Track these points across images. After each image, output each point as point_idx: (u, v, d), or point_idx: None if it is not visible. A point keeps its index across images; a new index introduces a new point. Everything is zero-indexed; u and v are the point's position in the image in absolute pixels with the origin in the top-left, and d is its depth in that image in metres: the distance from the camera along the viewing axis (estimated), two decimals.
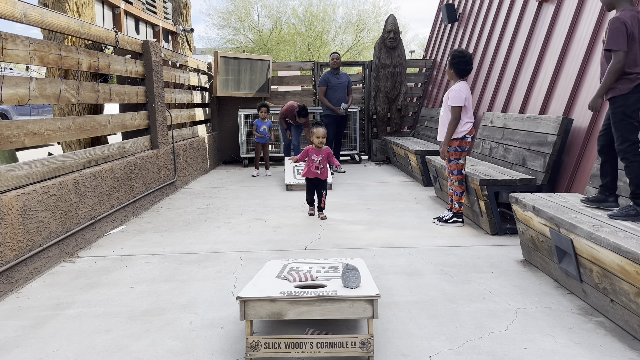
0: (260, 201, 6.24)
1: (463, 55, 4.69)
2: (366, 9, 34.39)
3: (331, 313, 2.43)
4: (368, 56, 31.13)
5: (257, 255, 4.05)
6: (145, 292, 3.31)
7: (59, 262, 3.95)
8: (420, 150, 7.20)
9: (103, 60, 5.03)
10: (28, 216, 3.56)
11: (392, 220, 5.11)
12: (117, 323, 2.86)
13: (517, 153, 5.25)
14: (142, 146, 6.01)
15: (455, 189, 4.86)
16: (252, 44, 31.53)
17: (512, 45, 7.03)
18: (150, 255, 4.14)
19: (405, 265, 3.74)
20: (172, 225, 5.12)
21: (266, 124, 8.21)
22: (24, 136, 3.75)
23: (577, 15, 5.49)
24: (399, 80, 9.90)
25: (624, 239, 2.56)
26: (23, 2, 3.78)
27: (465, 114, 4.68)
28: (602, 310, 2.80)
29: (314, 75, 10.34)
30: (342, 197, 6.38)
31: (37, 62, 3.94)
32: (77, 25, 4.61)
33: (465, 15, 9.53)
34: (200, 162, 8.41)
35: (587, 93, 4.90)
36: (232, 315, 2.93)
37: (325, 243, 4.37)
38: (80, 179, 4.33)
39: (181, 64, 8.00)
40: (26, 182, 3.69)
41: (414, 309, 2.96)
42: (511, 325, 2.73)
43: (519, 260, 3.83)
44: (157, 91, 6.29)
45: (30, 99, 3.84)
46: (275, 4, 33.30)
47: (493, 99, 7.15)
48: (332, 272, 2.85)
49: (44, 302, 3.19)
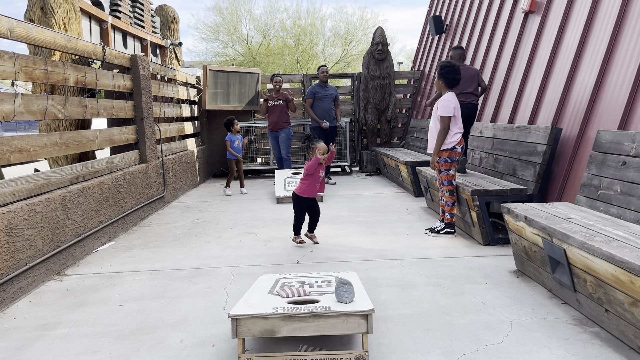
0: (251, 215, 6.19)
1: (452, 66, 4.72)
2: (354, 22, 34.56)
3: (325, 329, 2.39)
4: (357, 68, 31.32)
5: (248, 270, 4.00)
6: (134, 310, 3.25)
7: (45, 280, 3.87)
8: (411, 161, 7.21)
9: (90, 75, 4.98)
10: (13, 234, 3.48)
11: (384, 232, 5.08)
12: (106, 343, 2.79)
13: (507, 163, 5.26)
14: (130, 161, 5.95)
15: (447, 199, 4.85)
16: (241, 57, 31.59)
17: (499, 56, 7.09)
18: (139, 271, 4.07)
19: (399, 278, 3.71)
20: (161, 240, 5.05)
21: (239, 138, 7.85)
22: (10, 153, 3.69)
23: (563, 25, 5.55)
24: (388, 92, 9.94)
25: (617, 248, 2.55)
26: (8, 18, 3.74)
27: (454, 124, 4.69)
28: (597, 320, 2.79)
29: (303, 87, 10.36)
30: (333, 209, 6.35)
31: (22, 77, 3.89)
32: (64, 40, 4.57)
33: (452, 26, 9.62)
34: (190, 176, 8.35)
35: (575, 102, 4.94)
36: (224, 332, 2.87)
37: (317, 256, 4.33)
38: (67, 195, 4.26)
39: (170, 78, 7.97)
40: (12, 199, 3.62)
41: (409, 323, 2.92)
42: (507, 337, 2.70)
43: (512, 270, 3.81)
44: (145, 105, 6.25)
45: (16, 114, 3.78)
46: (264, 17, 33.40)
47: (482, 109, 7.19)
48: (325, 286, 2.81)
49: (30, 322, 3.11)
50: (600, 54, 4.72)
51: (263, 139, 10.12)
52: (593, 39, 4.94)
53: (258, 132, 10.21)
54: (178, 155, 7.67)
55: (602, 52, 4.68)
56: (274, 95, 8.28)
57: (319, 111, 8.39)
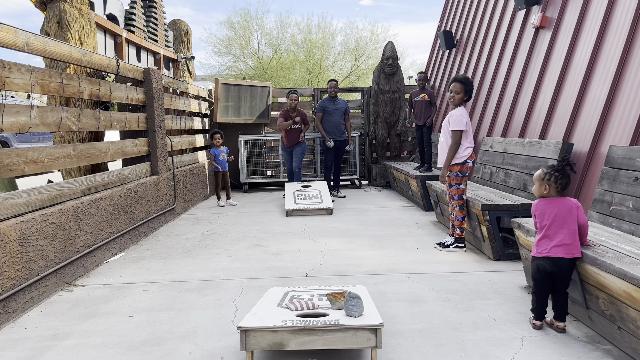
0: (261, 227, 6.20)
1: (471, 81, 4.77)
2: (364, 36, 34.84)
3: (334, 343, 2.38)
4: (367, 82, 31.44)
5: (257, 283, 4.00)
6: (144, 322, 3.26)
7: (56, 291, 3.90)
8: (421, 175, 7.19)
9: (104, 88, 5.06)
10: (26, 244, 3.52)
11: (394, 246, 5.07)
12: (115, 354, 2.80)
13: (517, 177, 5.24)
14: (142, 173, 6.00)
15: (457, 214, 4.84)
16: (252, 71, 31.88)
17: (510, 71, 7.10)
18: (149, 283, 4.09)
19: (408, 292, 3.69)
20: (171, 252, 5.07)
21: (223, 150, 7.99)
22: (24, 164, 3.74)
23: (574, 41, 5.55)
24: (398, 106, 9.97)
25: (629, 264, 2.52)
26: (25, 32, 3.82)
27: (465, 138, 4.69)
28: (609, 338, 2.75)
29: (314, 101, 10.42)
30: (342, 223, 6.34)
31: (38, 90, 3.96)
32: (79, 53, 4.65)
33: (462, 41, 9.65)
34: (200, 188, 8.40)
35: (586, 118, 4.92)
36: (233, 345, 2.87)
37: (326, 270, 4.32)
38: (79, 206, 4.31)
39: (182, 91, 8.06)
40: (25, 210, 3.67)
41: (418, 338, 2.90)
42: (517, 354, 2.67)
43: (522, 286, 3.78)
44: (157, 118, 6.32)
45: (31, 126, 3.84)
46: (275, 31, 33.77)
47: (492, 123, 7.18)
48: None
49: (41, 332, 3.13)
50: (611, 69, 4.71)
51: (273, 152, 10.16)
52: (604, 54, 4.93)
53: (268, 145, 10.26)
54: (189, 167, 7.72)
55: (614, 68, 4.67)
56: (292, 115, 8.23)
57: (328, 125, 8.41)
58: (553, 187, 2.98)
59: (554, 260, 2.87)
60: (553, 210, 2.92)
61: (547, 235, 2.91)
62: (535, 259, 2.97)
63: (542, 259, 2.91)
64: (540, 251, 2.93)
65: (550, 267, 2.88)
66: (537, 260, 2.96)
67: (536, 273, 2.96)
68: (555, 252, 2.86)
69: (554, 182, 2.97)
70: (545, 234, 2.92)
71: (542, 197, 3.03)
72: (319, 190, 7.71)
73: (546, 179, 2.99)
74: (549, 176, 2.98)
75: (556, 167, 3.00)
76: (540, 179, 3.02)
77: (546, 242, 2.92)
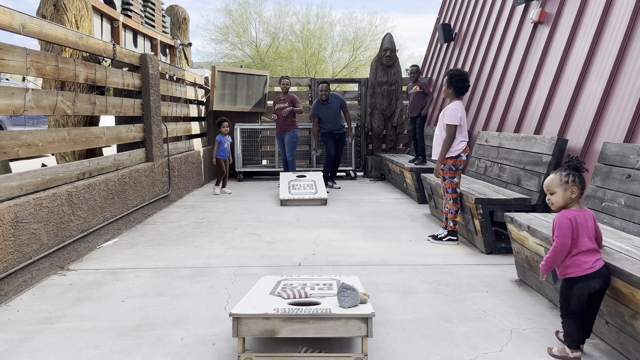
0: (255, 216, 6.21)
1: (462, 74, 4.73)
2: (363, 27, 34.66)
3: (325, 331, 2.40)
4: (364, 73, 31.37)
5: (250, 271, 4.02)
6: (136, 307, 3.27)
7: (49, 274, 3.90)
8: (416, 167, 7.21)
9: (100, 73, 5.03)
10: (19, 228, 3.52)
11: (387, 238, 5.09)
12: (107, 338, 2.81)
13: (512, 172, 5.27)
14: (137, 159, 5.99)
15: (450, 207, 4.86)
16: (249, 59, 31.71)
17: (507, 66, 7.10)
18: (142, 269, 4.09)
19: (400, 284, 3.71)
20: (165, 239, 5.07)
21: (228, 139, 7.99)
22: (18, 147, 3.73)
23: (572, 37, 5.55)
24: (395, 98, 9.96)
25: (619, 260, 2.55)
26: (21, 13, 3.79)
27: (460, 132, 4.70)
28: (597, 332, 2.79)
29: (311, 91, 10.39)
30: (337, 213, 6.36)
31: (33, 73, 3.94)
32: (75, 37, 4.62)
33: (461, 35, 9.64)
34: (195, 176, 8.39)
35: (581, 114, 4.94)
36: (225, 331, 2.88)
37: (319, 259, 4.34)
38: (73, 190, 4.30)
39: (178, 78, 8.02)
40: (19, 193, 3.66)
41: (409, 328, 2.93)
42: (506, 346, 2.71)
43: (513, 279, 3.81)
44: (153, 104, 6.29)
45: (26, 109, 3.82)
46: (273, 20, 33.54)
47: (488, 118, 7.19)
48: (327, 289, 2.83)
49: (33, 315, 3.14)
50: (608, 66, 4.73)
51: (269, 141, 10.15)
52: (601, 51, 4.94)
53: (264, 134, 10.24)
54: (184, 154, 7.71)
55: (610, 65, 4.68)
56: (282, 98, 8.30)
57: (327, 125, 8.38)
58: (578, 189, 2.57)
59: (604, 273, 2.49)
60: (587, 222, 2.56)
61: (592, 249, 2.53)
62: (586, 279, 2.48)
63: (594, 277, 2.48)
64: (588, 268, 2.49)
65: (599, 284, 2.48)
66: (587, 280, 2.48)
67: (584, 294, 2.50)
68: (600, 263, 2.51)
69: (580, 182, 2.57)
70: (590, 247, 2.53)
71: (566, 204, 2.60)
72: (314, 180, 7.72)
73: (571, 180, 2.56)
74: (572, 177, 2.57)
75: (572, 166, 2.61)
76: (564, 183, 2.57)
77: (593, 254, 2.52)
